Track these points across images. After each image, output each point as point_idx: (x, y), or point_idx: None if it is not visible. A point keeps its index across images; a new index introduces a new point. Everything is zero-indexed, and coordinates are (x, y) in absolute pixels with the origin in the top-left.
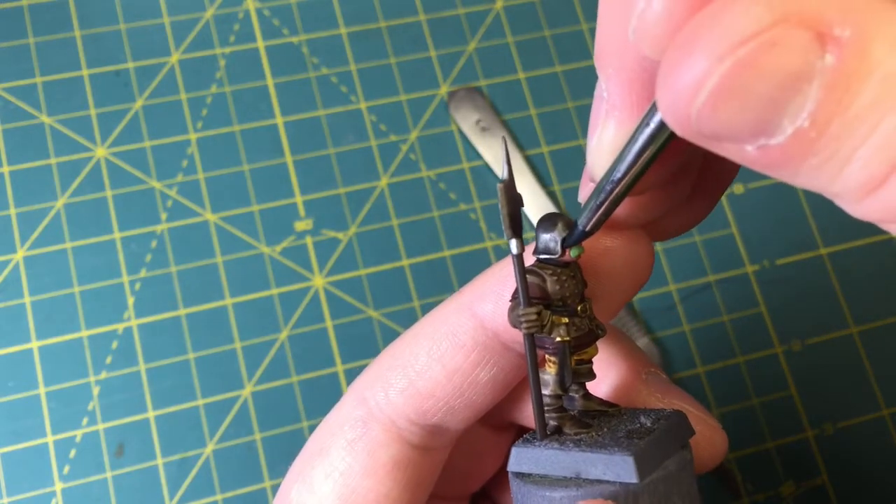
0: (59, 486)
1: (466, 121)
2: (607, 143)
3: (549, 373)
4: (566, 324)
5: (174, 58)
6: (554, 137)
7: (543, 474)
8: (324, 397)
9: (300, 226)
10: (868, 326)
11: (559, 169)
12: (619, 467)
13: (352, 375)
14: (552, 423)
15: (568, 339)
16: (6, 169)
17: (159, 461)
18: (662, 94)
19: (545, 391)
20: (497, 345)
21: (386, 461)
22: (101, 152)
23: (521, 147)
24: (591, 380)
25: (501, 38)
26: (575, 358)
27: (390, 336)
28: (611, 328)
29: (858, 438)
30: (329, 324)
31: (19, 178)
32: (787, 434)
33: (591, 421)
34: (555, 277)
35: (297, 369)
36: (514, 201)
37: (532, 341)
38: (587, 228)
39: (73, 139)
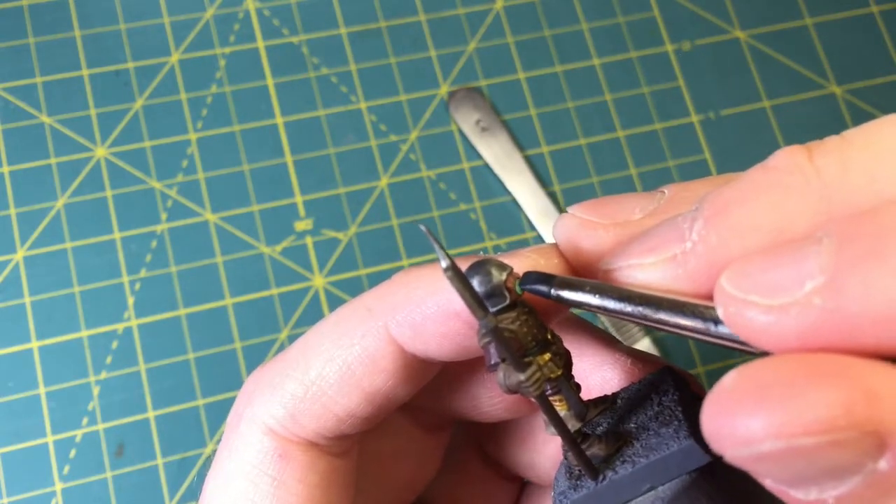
0: (59, 486)
1: (466, 121)
2: (646, 276)
3: (563, 411)
4: (551, 359)
5: (174, 58)
6: (554, 137)
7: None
8: None
9: (300, 226)
10: None
11: (559, 169)
12: (687, 457)
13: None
14: (590, 454)
15: (560, 372)
16: (6, 169)
17: (159, 461)
18: (711, 421)
19: (568, 426)
20: (417, 362)
21: (318, 482)
22: (101, 152)
23: (521, 147)
24: (578, 389)
25: (501, 38)
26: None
27: None
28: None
29: None
30: None
31: (19, 178)
32: None
33: (614, 429)
34: (517, 324)
35: None
36: (467, 281)
37: (544, 398)
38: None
39: (73, 139)
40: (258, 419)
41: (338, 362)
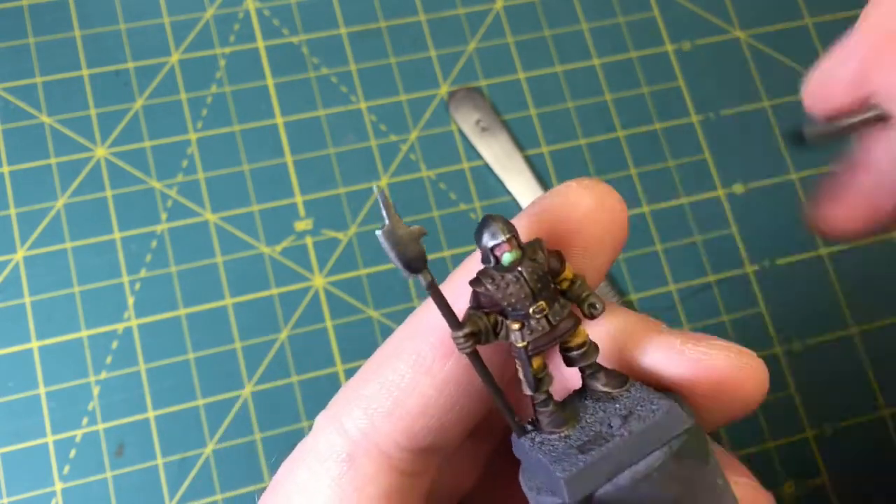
0: (59, 486)
1: (466, 121)
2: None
3: (520, 375)
4: (519, 329)
5: (174, 58)
6: (554, 137)
7: (528, 467)
8: (324, 397)
9: (300, 226)
10: (868, 326)
11: (559, 169)
12: (555, 485)
13: (352, 375)
14: (542, 418)
15: (523, 344)
16: (6, 169)
17: (159, 461)
18: None
19: (527, 392)
20: (487, 345)
21: (376, 495)
22: (101, 152)
23: (521, 147)
24: (590, 360)
25: (501, 38)
26: (562, 346)
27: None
28: (613, 309)
29: (858, 438)
30: (329, 324)
31: (19, 178)
32: (787, 434)
33: (570, 414)
34: (494, 286)
35: (297, 369)
36: (402, 242)
37: (477, 360)
38: None
39: (73, 139)
40: (337, 419)
41: (410, 353)
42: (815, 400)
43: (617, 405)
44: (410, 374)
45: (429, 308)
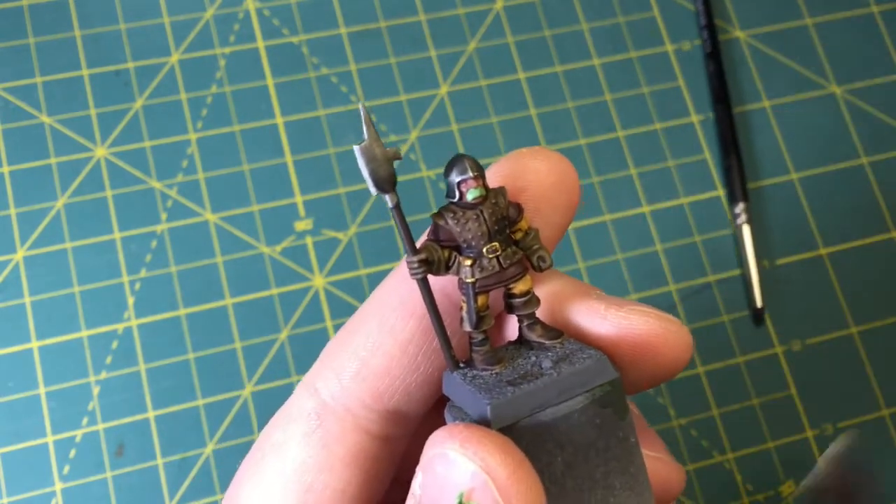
0: (59, 486)
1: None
2: None
3: (463, 311)
4: (470, 265)
5: (174, 58)
6: (554, 137)
7: (456, 402)
8: None
9: (300, 226)
10: (868, 326)
11: None
12: (481, 411)
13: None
14: (476, 356)
15: (472, 280)
16: (6, 169)
17: (159, 461)
18: None
19: (466, 328)
20: (448, 303)
21: (343, 454)
22: (101, 152)
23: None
24: (530, 310)
25: (501, 38)
26: (506, 292)
27: None
28: (551, 272)
29: (858, 438)
30: (329, 324)
31: (19, 178)
32: (787, 434)
33: (504, 355)
34: (455, 220)
35: (297, 369)
36: (376, 160)
37: (425, 285)
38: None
39: (73, 139)
40: (311, 385)
41: (374, 316)
42: (815, 400)
43: (549, 353)
44: (375, 334)
45: (390, 278)
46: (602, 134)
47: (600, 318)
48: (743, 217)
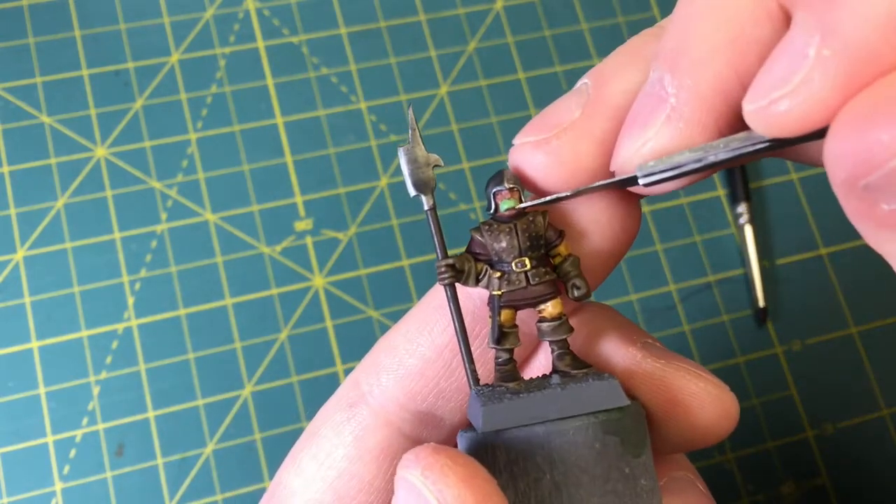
0: (59, 486)
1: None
2: (657, 147)
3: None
4: (498, 277)
5: (174, 58)
6: None
7: (469, 418)
8: (324, 397)
9: (300, 226)
10: (868, 326)
11: None
12: (476, 417)
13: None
14: (496, 374)
15: (498, 292)
16: (6, 169)
17: (159, 461)
18: (837, 151)
19: (490, 344)
20: (486, 316)
21: (372, 447)
22: (101, 152)
23: None
24: (560, 336)
25: (501, 38)
26: (539, 316)
27: None
28: (603, 308)
29: (858, 438)
30: (329, 324)
31: (19, 178)
32: (787, 434)
33: (523, 377)
34: (489, 233)
35: (297, 369)
36: (417, 163)
37: (452, 292)
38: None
39: (73, 139)
40: (354, 375)
41: (416, 318)
42: (815, 400)
43: (576, 377)
44: (413, 334)
45: (436, 288)
46: None
47: (634, 366)
48: (745, 217)
